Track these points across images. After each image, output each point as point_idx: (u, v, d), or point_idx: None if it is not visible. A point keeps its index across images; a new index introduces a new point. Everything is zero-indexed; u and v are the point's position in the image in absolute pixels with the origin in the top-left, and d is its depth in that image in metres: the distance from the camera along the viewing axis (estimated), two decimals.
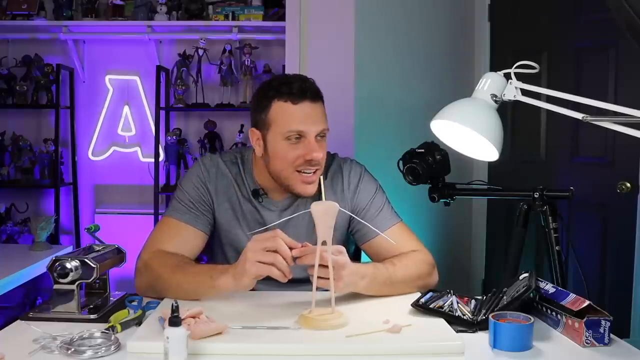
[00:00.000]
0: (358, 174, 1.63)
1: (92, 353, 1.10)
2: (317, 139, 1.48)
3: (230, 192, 1.58)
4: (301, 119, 1.46)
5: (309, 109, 1.47)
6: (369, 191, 1.62)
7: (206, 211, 1.56)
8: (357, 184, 1.62)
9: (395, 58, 2.78)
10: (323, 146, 1.51)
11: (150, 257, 1.47)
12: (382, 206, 1.61)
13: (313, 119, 1.47)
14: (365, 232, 1.57)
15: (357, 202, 1.61)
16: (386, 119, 2.72)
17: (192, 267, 1.43)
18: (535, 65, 1.34)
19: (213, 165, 1.59)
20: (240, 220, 1.58)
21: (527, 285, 1.27)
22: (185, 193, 1.56)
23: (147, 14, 3.24)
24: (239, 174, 1.60)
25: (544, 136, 2.79)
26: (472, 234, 3.16)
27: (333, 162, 1.65)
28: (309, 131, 1.46)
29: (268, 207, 1.58)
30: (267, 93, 1.50)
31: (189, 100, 3.37)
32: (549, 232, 1.53)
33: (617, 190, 2.33)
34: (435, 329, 1.22)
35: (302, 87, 1.47)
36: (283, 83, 1.49)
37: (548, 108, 1.34)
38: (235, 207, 1.58)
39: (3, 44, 3.38)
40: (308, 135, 1.47)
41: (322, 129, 1.49)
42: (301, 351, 1.13)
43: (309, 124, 1.47)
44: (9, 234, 3.23)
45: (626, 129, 1.23)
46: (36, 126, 3.46)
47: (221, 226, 1.58)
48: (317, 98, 1.50)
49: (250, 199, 1.58)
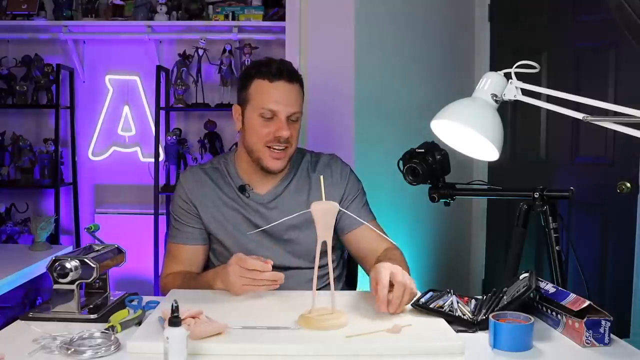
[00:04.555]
0: (347, 169, 1.75)
1: (92, 353, 1.10)
2: (288, 120, 1.59)
3: (214, 197, 1.68)
4: (275, 99, 1.58)
5: (284, 89, 1.59)
6: (357, 185, 1.75)
7: (197, 224, 1.68)
8: (347, 176, 1.73)
9: (395, 58, 2.78)
10: (294, 127, 1.62)
11: (164, 281, 1.67)
12: (365, 201, 1.75)
13: (286, 101, 1.59)
14: (350, 221, 1.66)
15: (346, 192, 1.71)
16: (386, 119, 2.72)
17: (193, 281, 1.60)
18: (535, 65, 1.34)
19: (193, 177, 1.70)
20: (225, 220, 1.66)
21: (527, 285, 1.27)
22: (174, 216, 1.71)
23: (147, 14, 3.24)
24: (221, 177, 1.70)
25: (544, 136, 2.79)
26: (472, 234, 3.16)
27: (321, 157, 1.77)
28: (280, 111, 1.58)
29: (255, 201, 1.67)
30: (249, 71, 1.64)
31: (189, 100, 3.36)
32: (549, 232, 1.53)
33: (617, 190, 2.33)
34: (435, 329, 1.22)
35: (279, 68, 1.59)
36: (264, 63, 1.62)
37: (548, 108, 1.34)
38: (221, 209, 1.67)
39: (3, 44, 3.37)
40: (279, 114, 1.58)
41: (294, 111, 1.60)
42: (301, 351, 1.13)
43: (281, 104, 1.58)
44: (9, 234, 3.22)
45: (626, 129, 1.23)
46: (36, 126, 3.46)
47: (210, 230, 1.68)
48: (294, 79, 1.61)
49: (236, 197, 1.67)
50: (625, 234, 2.32)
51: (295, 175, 1.71)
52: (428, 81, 2.84)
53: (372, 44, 2.69)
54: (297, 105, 1.61)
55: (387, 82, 2.75)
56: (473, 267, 3.15)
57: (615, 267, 2.44)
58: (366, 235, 1.67)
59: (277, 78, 1.58)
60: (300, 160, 1.74)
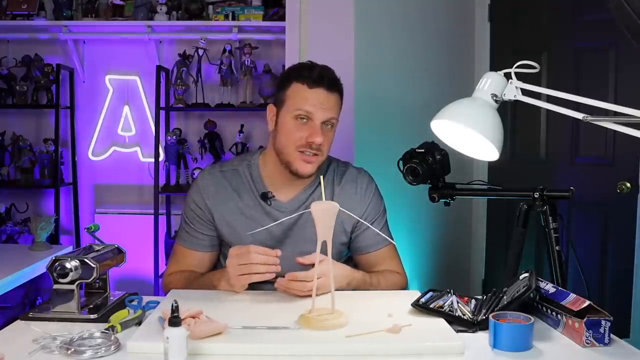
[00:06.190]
0: (373, 187, 1.72)
1: (92, 353, 1.10)
2: (323, 126, 1.55)
3: (232, 205, 1.63)
4: (312, 103, 1.53)
5: (323, 96, 1.54)
6: (379, 206, 1.71)
7: (209, 231, 1.65)
8: (371, 196, 1.70)
9: (395, 58, 2.78)
10: (328, 135, 1.57)
11: (167, 280, 1.66)
12: (384, 223, 1.72)
13: (323, 106, 1.54)
14: (364, 244, 1.66)
15: (367, 211, 1.68)
16: (386, 119, 2.71)
17: (196, 281, 1.59)
18: (535, 65, 1.34)
19: (210, 181, 1.65)
20: (240, 228, 1.61)
21: (527, 285, 1.27)
22: (186, 220, 1.67)
23: (147, 14, 3.24)
24: (242, 182, 1.64)
25: (544, 136, 2.79)
26: (472, 234, 3.16)
27: (349, 169, 1.73)
28: (316, 115, 1.54)
29: (277, 209, 1.62)
30: (290, 74, 1.61)
31: (189, 100, 3.36)
32: (549, 232, 1.53)
33: (617, 190, 2.33)
34: (435, 329, 1.22)
35: (321, 74, 1.55)
36: (305, 67, 1.58)
37: (548, 108, 1.34)
38: (238, 217, 1.62)
39: (3, 44, 3.38)
40: (315, 118, 1.54)
41: (330, 117, 1.55)
42: (301, 351, 1.13)
43: (318, 108, 1.54)
44: (9, 234, 3.22)
45: (626, 129, 1.23)
46: (36, 126, 3.46)
47: (223, 236, 1.64)
48: (334, 88, 1.57)
49: (256, 204, 1.62)
50: (625, 234, 2.31)
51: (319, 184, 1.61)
52: (428, 81, 2.84)
53: (372, 44, 2.69)
54: (334, 112, 1.56)
55: (387, 82, 2.74)
56: (473, 267, 3.15)
57: (615, 267, 2.44)
58: (380, 258, 1.67)
59: (317, 85, 1.53)
60: (327, 168, 1.68)
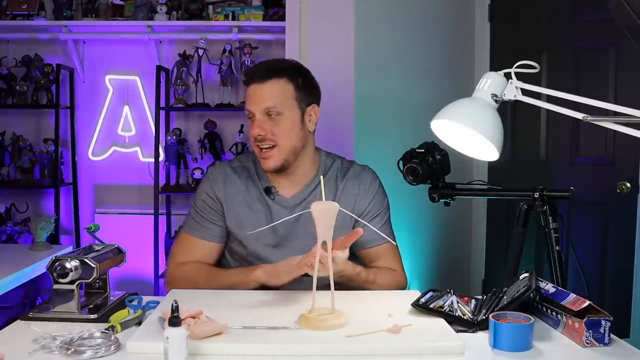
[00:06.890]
0: (377, 183, 1.72)
1: (92, 353, 1.10)
2: (267, 117, 1.57)
3: (240, 198, 1.66)
4: (250, 101, 1.59)
5: (256, 89, 1.58)
6: (381, 203, 1.71)
7: (219, 221, 1.66)
8: (374, 192, 1.70)
9: (395, 58, 2.78)
10: (277, 123, 1.58)
11: (177, 271, 1.63)
12: (386, 220, 1.72)
13: (257, 98, 1.58)
14: (365, 239, 1.63)
15: (368, 208, 1.68)
16: (386, 119, 2.71)
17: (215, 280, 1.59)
18: (535, 65, 1.34)
19: (221, 174, 1.68)
20: (248, 222, 1.63)
21: (527, 285, 1.27)
22: (196, 209, 1.67)
23: (147, 14, 3.23)
24: (249, 177, 1.68)
25: (544, 136, 2.79)
26: (472, 234, 3.16)
27: (353, 166, 1.73)
28: (253, 110, 1.58)
29: (280, 204, 1.65)
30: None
31: (189, 100, 3.36)
32: (549, 232, 1.53)
33: (617, 190, 2.33)
34: (435, 329, 1.22)
35: (253, 71, 1.63)
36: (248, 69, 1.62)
37: (548, 108, 1.34)
38: (245, 211, 1.65)
39: (3, 44, 3.37)
40: (255, 113, 1.58)
41: (267, 106, 1.57)
42: (301, 351, 1.13)
43: (253, 103, 1.58)
44: (9, 234, 3.22)
45: (626, 129, 1.23)
46: (36, 126, 3.45)
47: (231, 229, 1.66)
48: (267, 76, 1.58)
49: (261, 198, 1.65)
50: (625, 234, 2.31)
51: None
52: (428, 81, 2.84)
53: (372, 44, 2.69)
54: (272, 100, 1.57)
55: (387, 82, 2.74)
56: (473, 267, 3.15)
57: (615, 267, 2.44)
58: (380, 254, 1.67)
59: (251, 81, 1.60)
60: (330, 165, 1.71)
